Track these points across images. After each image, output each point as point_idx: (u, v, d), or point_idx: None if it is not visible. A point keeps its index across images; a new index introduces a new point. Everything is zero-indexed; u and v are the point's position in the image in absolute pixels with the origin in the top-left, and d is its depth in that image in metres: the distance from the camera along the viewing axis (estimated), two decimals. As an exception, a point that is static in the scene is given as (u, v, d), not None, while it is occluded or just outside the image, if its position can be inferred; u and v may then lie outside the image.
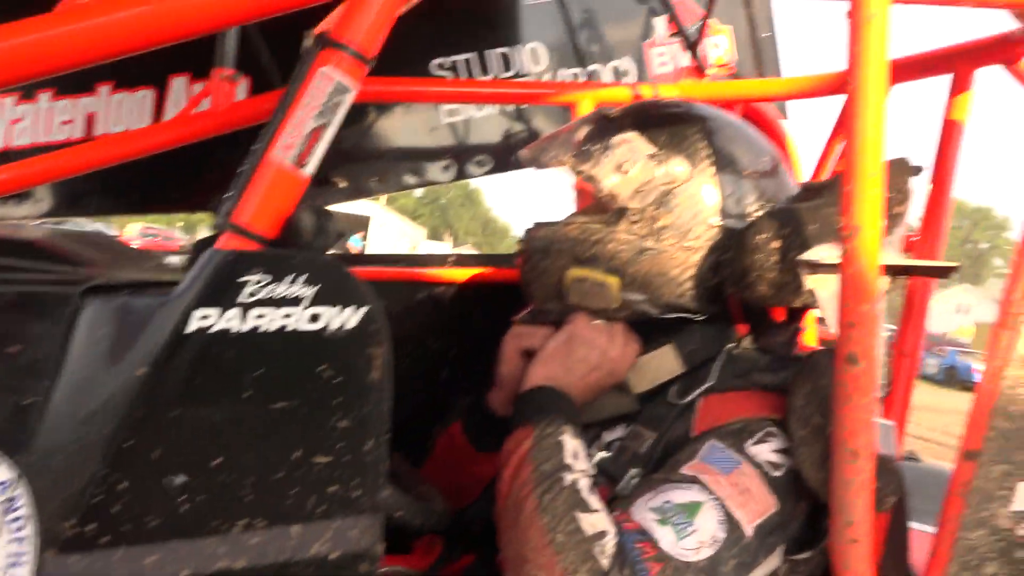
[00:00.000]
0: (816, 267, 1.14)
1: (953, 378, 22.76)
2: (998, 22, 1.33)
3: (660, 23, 2.45)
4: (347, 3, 0.87)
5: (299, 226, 0.82)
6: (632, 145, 1.22)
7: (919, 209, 1.45)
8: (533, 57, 2.34)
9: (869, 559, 1.04)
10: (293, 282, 0.80)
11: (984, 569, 1.13)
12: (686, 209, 1.21)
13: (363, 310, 0.83)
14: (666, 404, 1.21)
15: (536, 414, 1.13)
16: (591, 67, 2.35)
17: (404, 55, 2.04)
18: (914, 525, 1.34)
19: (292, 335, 0.81)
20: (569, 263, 1.23)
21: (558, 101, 1.82)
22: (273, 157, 0.82)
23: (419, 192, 72.24)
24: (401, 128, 2.35)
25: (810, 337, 1.68)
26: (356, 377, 0.84)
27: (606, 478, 1.15)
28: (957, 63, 1.43)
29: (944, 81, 1.47)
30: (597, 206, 1.29)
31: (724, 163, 1.23)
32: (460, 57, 2.28)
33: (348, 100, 0.84)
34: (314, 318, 0.82)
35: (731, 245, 1.19)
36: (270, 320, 0.80)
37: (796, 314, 1.33)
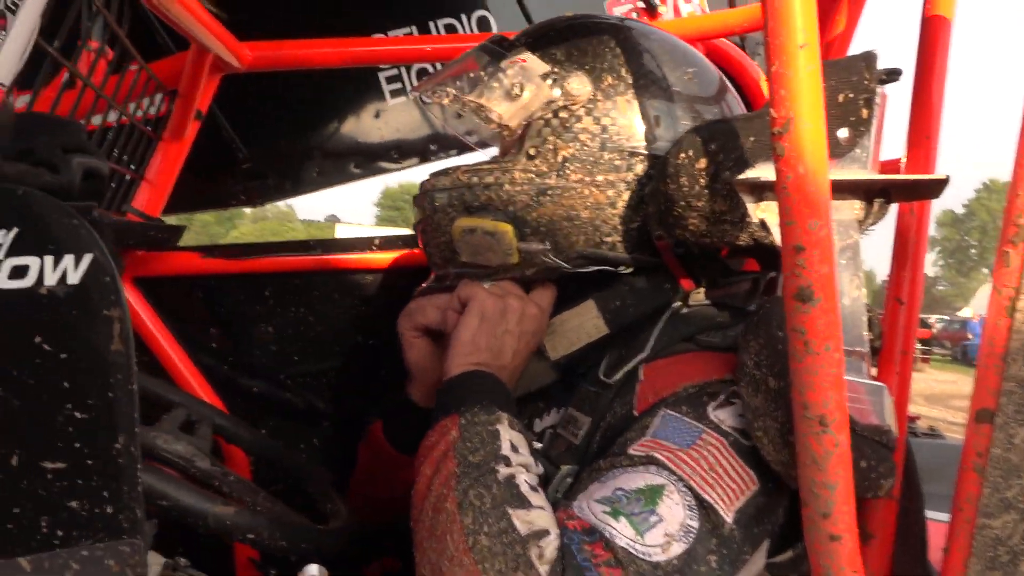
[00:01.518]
0: (762, 189, 0.89)
1: (968, 354, 21.94)
2: None
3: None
4: None
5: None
6: (525, 65, 1.00)
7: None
8: (482, 26, 2.12)
9: (856, 560, 0.78)
10: (-21, 224, 0.58)
11: (1020, 566, 0.86)
12: (594, 135, 0.98)
13: (87, 258, 0.60)
14: (599, 381, 0.97)
15: (463, 401, 0.90)
16: (548, 32, 2.12)
17: (338, 32, 1.84)
18: (938, 516, 1.08)
19: None
20: (459, 214, 1.01)
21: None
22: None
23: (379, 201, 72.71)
24: (342, 115, 2.15)
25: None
26: (88, 350, 0.61)
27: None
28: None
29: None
30: (498, 146, 1.07)
31: (643, 80, 1.00)
32: (401, 31, 2.08)
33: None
34: (18, 272, 0.60)
35: (652, 174, 0.95)
36: (-50, 279, 0.58)
37: (756, 257, 1.09)
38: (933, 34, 1.15)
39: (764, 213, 0.90)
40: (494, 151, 1.45)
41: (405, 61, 1.99)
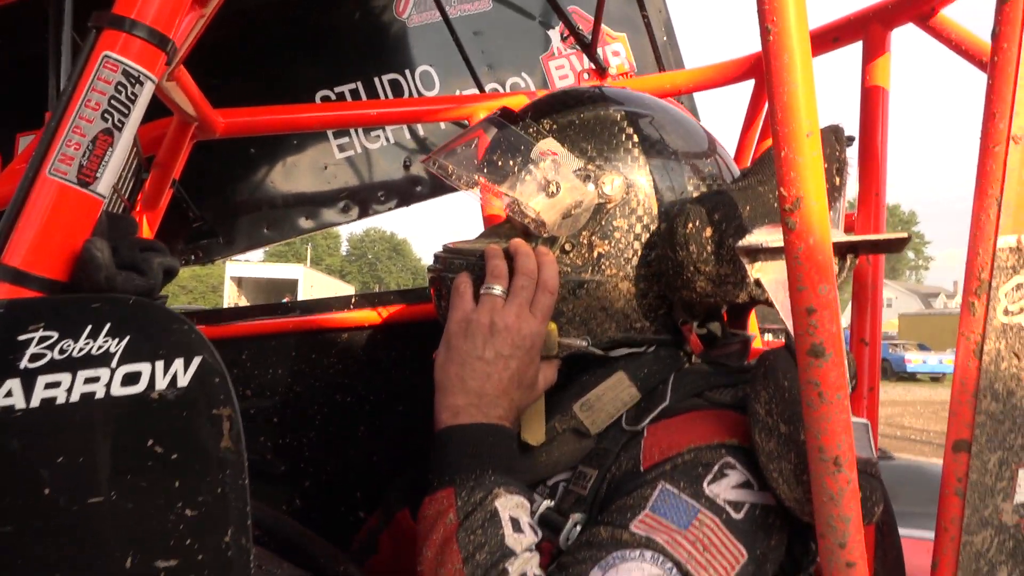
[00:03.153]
0: (757, 253, 0.99)
1: (888, 371, 23.35)
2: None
3: (555, 35, 2.33)
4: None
5: (88, 261, 0.61)
6: (558, 159, 1.03)
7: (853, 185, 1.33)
8: (425, 80, 2.18)
9: (869, 584, 0.87)
10: (94, 335, 0.60)
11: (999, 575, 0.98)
12: (626, 231, 1.04)
13: (196, 360, 0.63)
14: (617, 432, 1.02)
15: (455, 468, 0.91)
16: (489, 86, 2.20)
17: (286, 90, 1.87)
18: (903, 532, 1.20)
19: (101, 404, 0.60)
20: None
21: (452, 116, 1.66)
22: (49, 175, 0.62)
23: (344, 249, 71.66)
24: (290, 170, 2.16)
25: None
26: (198, 450, 0.63)
27: (550, 531, 0.96)
28: (870, 26, 1.32)
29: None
30: (518, 226, 1.09)
31: (663, 163, 1.06)
32: (347, 87, 2.11)
33: (144, 95, 0.64)
34: (130, 378, 0.61)
35: (660, 241, 1.03)
36: (67, 388, 0.59)
37: (742, 316, 1.19)
38: (873, 101, 1.30)
39: (759, 273, 1.00)
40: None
41: (380, 123, 2.01)
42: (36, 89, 1.89)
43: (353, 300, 1.53)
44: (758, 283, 0.99)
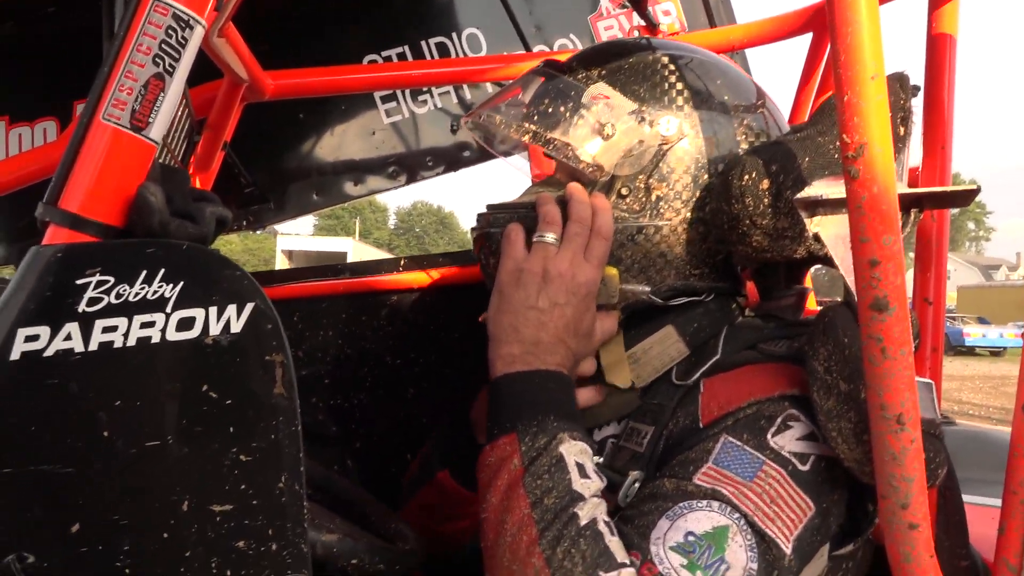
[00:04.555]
0: (817, 205, 0.95)
1: (946, 345, 22.69)
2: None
3: (604, -6, 2.29)
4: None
5: (143, 206, 0.61)
6: (611, 101, 1.01)
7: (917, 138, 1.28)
8: (472, 44, 2.16)
9: (931, 545, 0.85)
10: (149, 280, 0.60)
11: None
12: (682, 173, 1.01)
13: (249, 307, 0.63)
14: (668, 387, 1.01)
15: (517, 415, 0.89)
16: (536, 48, 2.17)
17: (333, 54, 1.86)
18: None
19: (157, 349, 0.61)
20: None
21: (500, 76, 1.63)
22: (103, 119, 0.62)
23: (392, 223, 72.19)
24: (338, 135, 2.16)
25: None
26: (252, 396, 0.64)
27: (607, 488, 0.95)
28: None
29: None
30: (564, 179, 1.07)
31: (714, 109, 1.04)
32: (394, 51, 2.10)
33: (195, 40, 0.64)
34: (184, 324, 0.62)
35: (713, 194, 1.00)
36: (123, 332, 0.60)
37: (797, 271, 1.15)
38: (940, 50, 1.23)
39: (818, 227, 0.97)
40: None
41: (429, 84, 2.00)
42: (92, 57, 1.93)
43: (402, 262, 1.53)
44: (816, 238, 0.96)
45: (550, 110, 1.02)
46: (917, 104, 1.09)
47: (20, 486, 0.58)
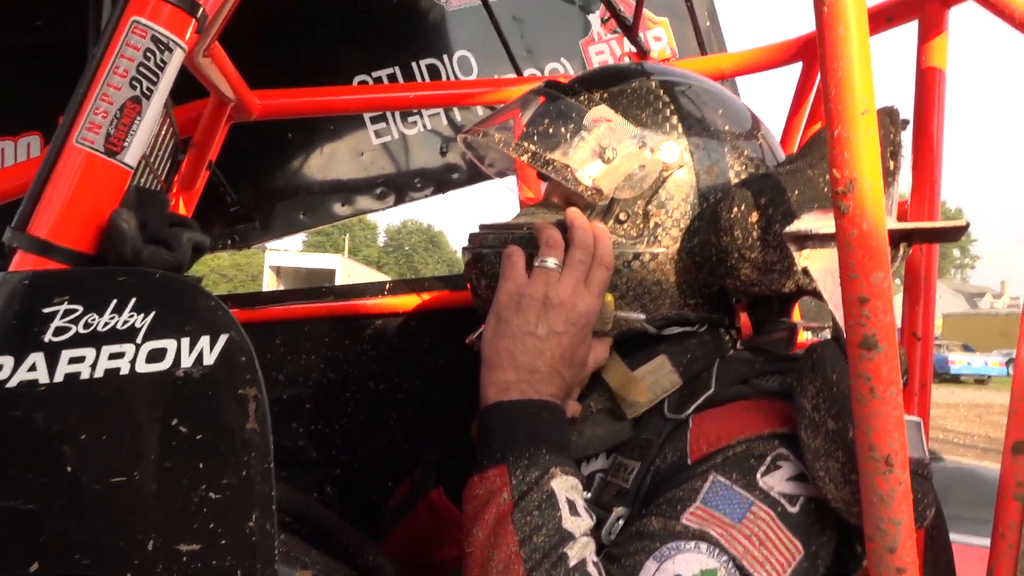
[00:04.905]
0: (805, 239, 0.95)
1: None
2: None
3: (595, 20, 2.30)
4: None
5: (115, 233, 0.59)
6: (613, 125, 1.00)
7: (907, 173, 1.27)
8: (463, 66, 2.16)
9: (919, 591, 0.83)
10: (119, 309, 0.58)
11: (1051, 583, 0.93)
12: (681, 200, 1.00)
13: (223, 338, 0.61)
14: (659, 420, 0.98)
15: (507, 446, 0.87)
16: (528, 71, 2.17)
17: (324, 73, 1.85)
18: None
19: (126, 381, 0.59)
20: None
21: (492, 100, 1.62)
22: (76, 143, 0.60)
23: (381, 240, 72.16)
24: (327, 155, 2.15)
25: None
26: (224, 430, 0.61)
27: None
28: (927, 4, 1.26)
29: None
30: (560, 201, 1.07)
31: (711, 137, 1.03)
32: (384, 72, 2.10)
33: (173, 64, 0.62)
34: (155, 355, 0.59)
35: (703, 226, 0.99)
36: (91, 363, 0.58)
37: (789, 304, 1.14)
38: (929, 83, 1.24)
39: (806, 261, 0.96)
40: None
41: (419, 107, 2.00)
42: (76, 72, 1.92)
43: (388, 286, 1.51)
44: (805, 272, 0.95)
45: (550, 131, 1.00)
46: (906, 137, 1.09)
47: (-21, 524, 0.56)
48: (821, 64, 0.80)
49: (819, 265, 0.96)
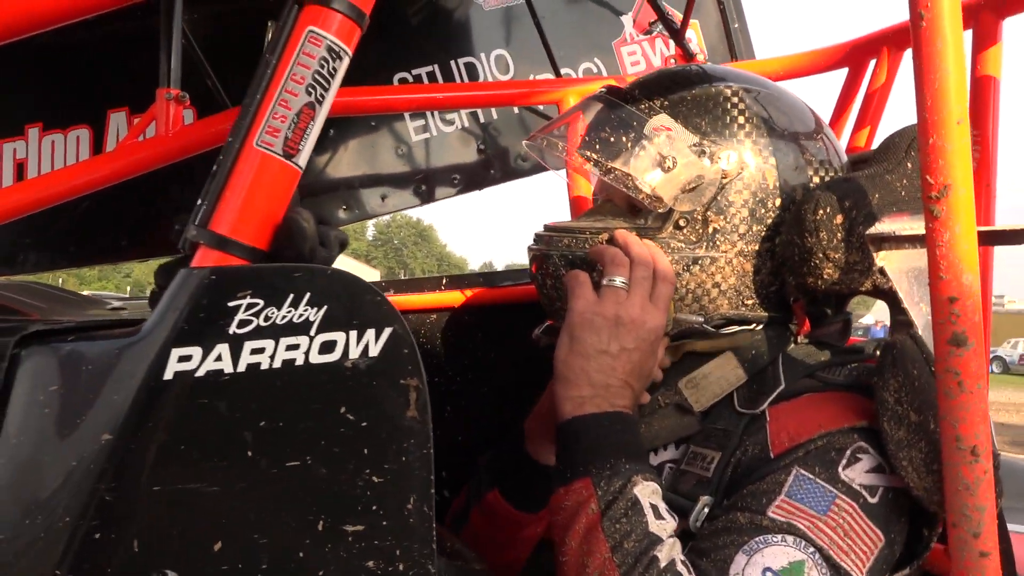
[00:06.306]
0: (885, 240, 0.99)
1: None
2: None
3: (627, 21, 2.33)
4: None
5: (296, 232, 0.63)
6: (672, 134, 1.03)
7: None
8: (500, 65, 2.19)
9: (1000, 573, 0.88)
10: (295, 303, 0.62)
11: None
12: (740, 206, 1.04)
13: (387, 332, 0.64)
14: (731, 413, 1.03)
15: (590, 459, 0.92)
16: (563, 70, 2.20)
17: (363, 71, 1.87)
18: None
19: (301, 371, 0.62)
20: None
21: (541, 101, 1.66)
22: (255, 146, 0.63)
23: (370, 234, 71.98)
24: (367, 151, 2.17)
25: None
26: (387, 418, 0.65)
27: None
28: (981, 14, 1.30)
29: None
30: (621, 205, 1.11)
31: (775, 140, 1.06)
32: (423, 70, 2.12)
33: (342, 70, 0.66)
34: (327, 347, 0.63)
35: (784, 227, 1.03)
36: (270, 354, 0.61)
37: (843, 301, 1.18)
38: (984, 91, 1.28)
39: (883, 261, 1.00)
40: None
41: (469, 106, 2.02)
42: (123, 66, 1.93)
43: (444, 281, 1.55)
44: (882, 271, 1.00)
45: (612, 139, 1.04)
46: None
47: (168, 504, 0.59)
48: (917, 76, 0.84)
49: (895, 265, 1.00)
